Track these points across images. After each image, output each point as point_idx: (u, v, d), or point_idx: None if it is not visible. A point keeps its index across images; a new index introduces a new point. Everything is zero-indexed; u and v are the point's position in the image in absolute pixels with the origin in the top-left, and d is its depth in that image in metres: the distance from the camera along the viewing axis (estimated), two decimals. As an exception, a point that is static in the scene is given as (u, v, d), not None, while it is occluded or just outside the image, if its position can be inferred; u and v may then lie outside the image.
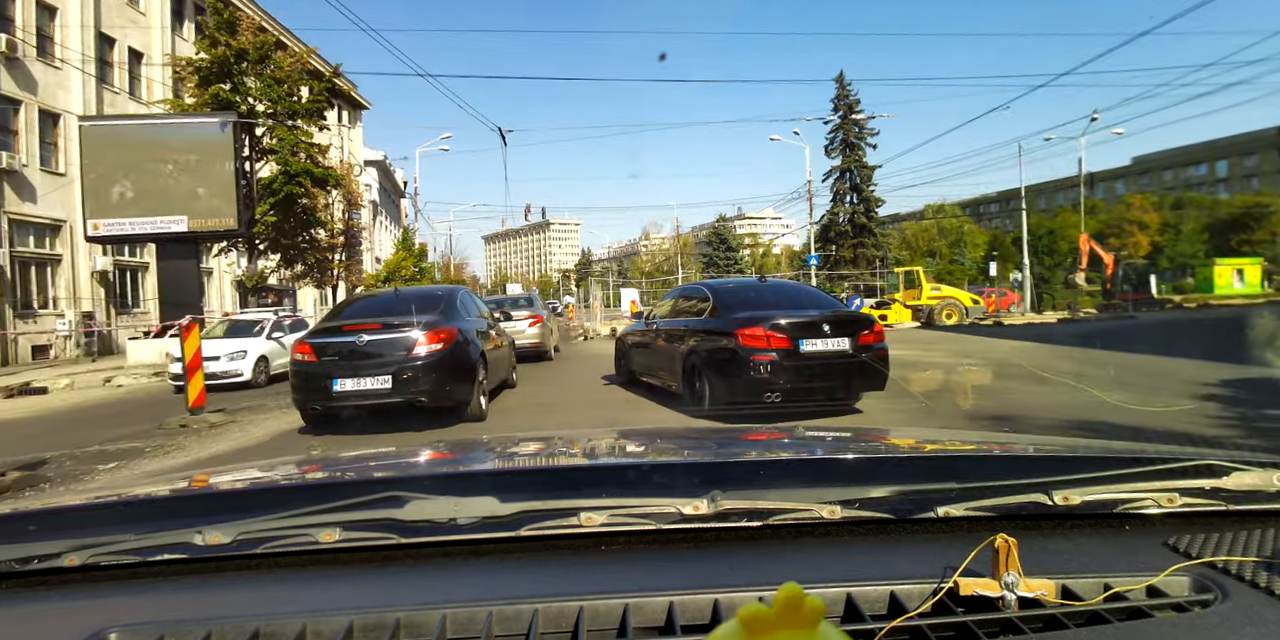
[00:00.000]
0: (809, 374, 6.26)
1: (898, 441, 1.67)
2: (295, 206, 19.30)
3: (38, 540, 0.88)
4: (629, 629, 0.74)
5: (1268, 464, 0.97)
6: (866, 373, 6.35)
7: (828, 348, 6.29)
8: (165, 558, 0.87)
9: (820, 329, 6.35)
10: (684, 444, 1.78)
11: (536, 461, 1.51)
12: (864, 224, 44.11)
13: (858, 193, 44.69)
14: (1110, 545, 0.90)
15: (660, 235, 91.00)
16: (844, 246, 43.54)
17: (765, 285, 8.14)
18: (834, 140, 45.31)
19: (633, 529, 0.89)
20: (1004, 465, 1.16)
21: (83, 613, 0.78)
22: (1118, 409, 5.94)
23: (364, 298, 9.29)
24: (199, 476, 1.43)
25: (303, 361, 6.61)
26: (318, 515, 0.87)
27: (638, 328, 9.11)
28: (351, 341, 6.48)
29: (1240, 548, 0.85)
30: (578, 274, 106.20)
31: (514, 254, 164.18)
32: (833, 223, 44.31)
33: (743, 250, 67.61)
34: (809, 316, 6.49)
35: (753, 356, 6.18)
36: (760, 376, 6.16)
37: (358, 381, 6.35)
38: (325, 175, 19.47)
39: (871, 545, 0.92)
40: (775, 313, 6.45)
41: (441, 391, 6.55)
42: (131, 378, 13.99)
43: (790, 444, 1.60)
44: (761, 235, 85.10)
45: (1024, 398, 7.43)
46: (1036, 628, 0.73)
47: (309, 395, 6.60)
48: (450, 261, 58.79)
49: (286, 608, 0.78)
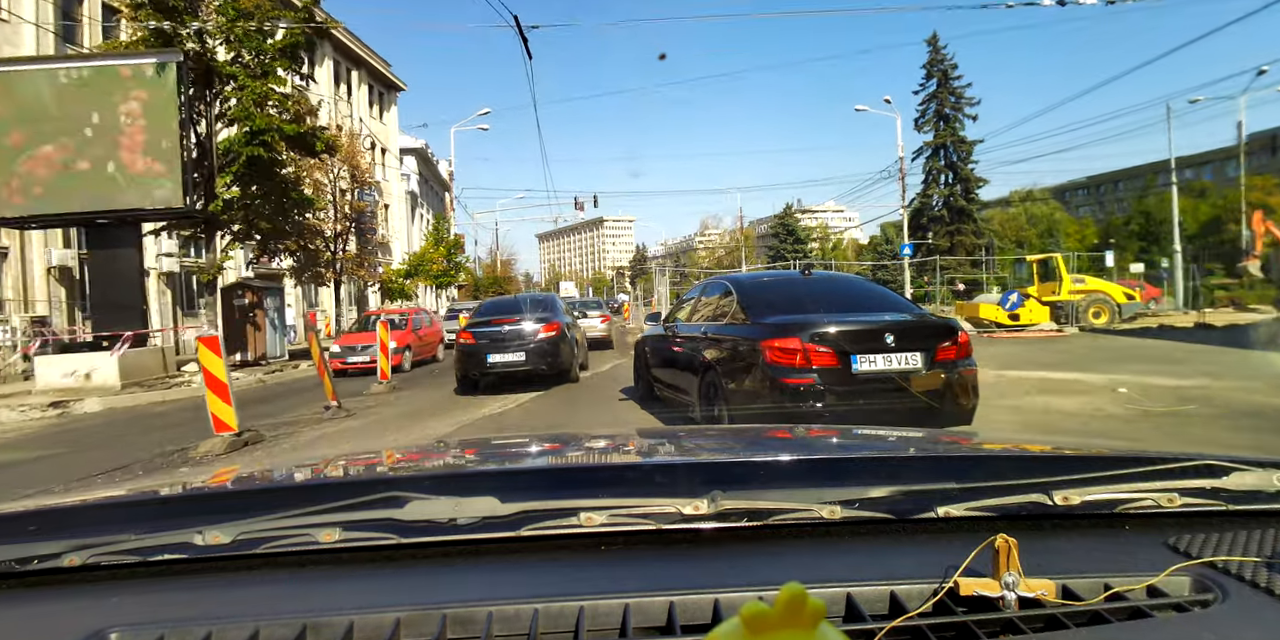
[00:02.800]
0: (864, 402, 4.69)
1: (898, 441, 1.65)
2: (270, 178, 14.63)
3: (38, 540, 0.87)
4: (629, 629, 0.74)
5: (1268, 464, 0.96)
6: (947, 402, 4.81)
7: (892, 366, 4.76)
8: (165, 558, 0.86)
9: (882, 340, 4.78)
10: (684, 444, 1.74)
11: (536, 461, 1.53)
12: (962, 207, 38.22)
13: (954, 172, 38.80)
14: (1110, 545, 0.90)
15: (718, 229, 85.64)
16: (938, 234, 37.75)
17: (810, 280, 6.16)
18: (925, 112, 39.51)
19: (633, 529, 0.89)
20: (1004, 465, 1.14)
21: (83, 613, 0.78)
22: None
23: (497, 301, 12.25)
24: (199, 476, 1.53)
25: (466, 344, 9.56)
26: (318, 515, 0.87)
27: (656, 332, 7.60)
28: (498, 329, 9.53)
29: (1240, 548, 0.84)
30: (632, 271, 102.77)
31: (567, 251, 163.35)
32: (925, 207, 38.54)
33: (811, 243, 61.92)
34: (866, 323, 4.98)
35: (785, 379, 4.74)
36: (796, 405, 4.70)
37: (503, 356, 9.35)
38: (304, 134, 14.57)
39: (871, 545, 0.92)
40: (818, 318, 4.98)
41: (555, 363, 9.60)
42: (19, 411, 9.93)
43: (790, 444, 1.59)
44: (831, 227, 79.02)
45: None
46: (1037, 628, 0.73)
47: (470, 366, 9.58)
48: (497, 257, 55.11)
49: (286, 608, 0.78)
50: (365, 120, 33.48)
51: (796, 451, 1.44)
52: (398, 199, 37.99)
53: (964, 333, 5.18)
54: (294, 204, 14.97)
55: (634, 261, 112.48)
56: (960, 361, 4.92)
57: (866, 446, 1.56)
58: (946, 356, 4.85)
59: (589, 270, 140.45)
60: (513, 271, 69.19)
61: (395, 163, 37.79)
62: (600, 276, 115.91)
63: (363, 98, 34.63)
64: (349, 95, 33.45)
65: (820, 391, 4.71)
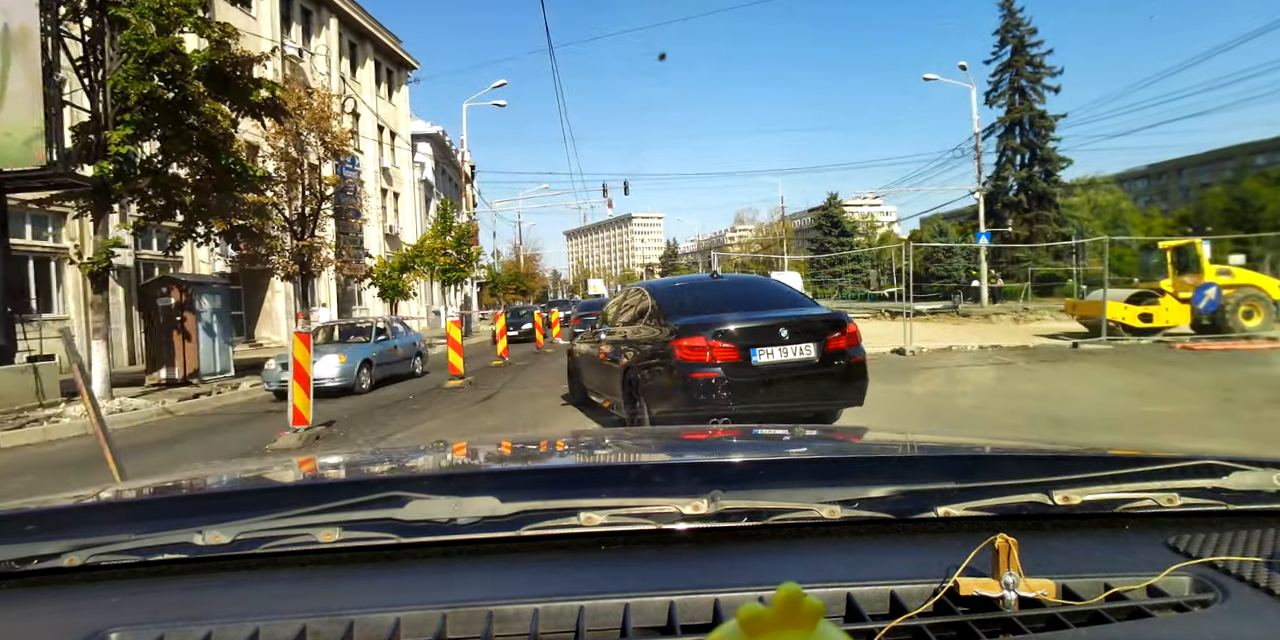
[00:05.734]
0: (765, 391, 5.31)
1: (898, 441, 1.66)
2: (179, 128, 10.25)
3: (38, 540, 0.87)
4: (629, 629, 0.74)
5: (1268, 464, 0.96)
6: (839, 385, 5.55)
7: (788, 357, 5.39)
8: (165, 558, 0.86)
9: (778, 334, 5.40)
10: (684, 444, 1.75)
11: (536, 461, 1.53)
12: (1042, 191, 33.59)
13: (1032, 151, 34.16)
14: (1110, 545, 0.90)
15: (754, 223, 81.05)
16: (1016, 221, 33.17)
17: (718, 283, 6.73)
18: (998, 84, 34.92)
19: (633, 529, 0.89)
20: (1004, 465, 1.14)
21: (83, 613, 0.78)
22: None
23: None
24: (199, 477, 1.43)
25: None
26: (318, 515, 0.87)
27: (585, 335, 8.04)
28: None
29: (1240, 548, 0.84)
30: (663, 267, 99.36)
31: (595, 247, 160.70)
32: (998, 191, 33.96)
33: (857, 236, 57.35)
34: (763, 320, 5.55)
35: (691, 373, 5.25)
36: (703, 397, 5.19)
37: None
38: (224, 68, 10.48)
39: (871, 545, 0.92)
40: (722, 317, 5.52)
41: None
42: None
43: (790, 444, 1.60)
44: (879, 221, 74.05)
45: None
46: (1037, 628, 0.73)
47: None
48: (519, 251, 51.62)
49: (286, 608, 0.78)
50: (373, 101, 30.02)
51: (796, 451, 1.49)
52: (409, 185, 34.49)
53: (852, 324, 5.74)
54: (231, 174, 11.19)
55: (664, 257, 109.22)
56: (850, 350, 5.58)
57: (866, 447, 1.57)
58: (837, 346, 5.50)
59: (618, 267, 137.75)
60: (537, 268, 65.73)
61: (406, 148, 34.30)
62: (630, 274, 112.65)
63: (369, 75, 31.13)
64: (353, 72, 29.98)
65: (725, 382, 5.19)
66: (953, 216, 51.83)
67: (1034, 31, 33.83)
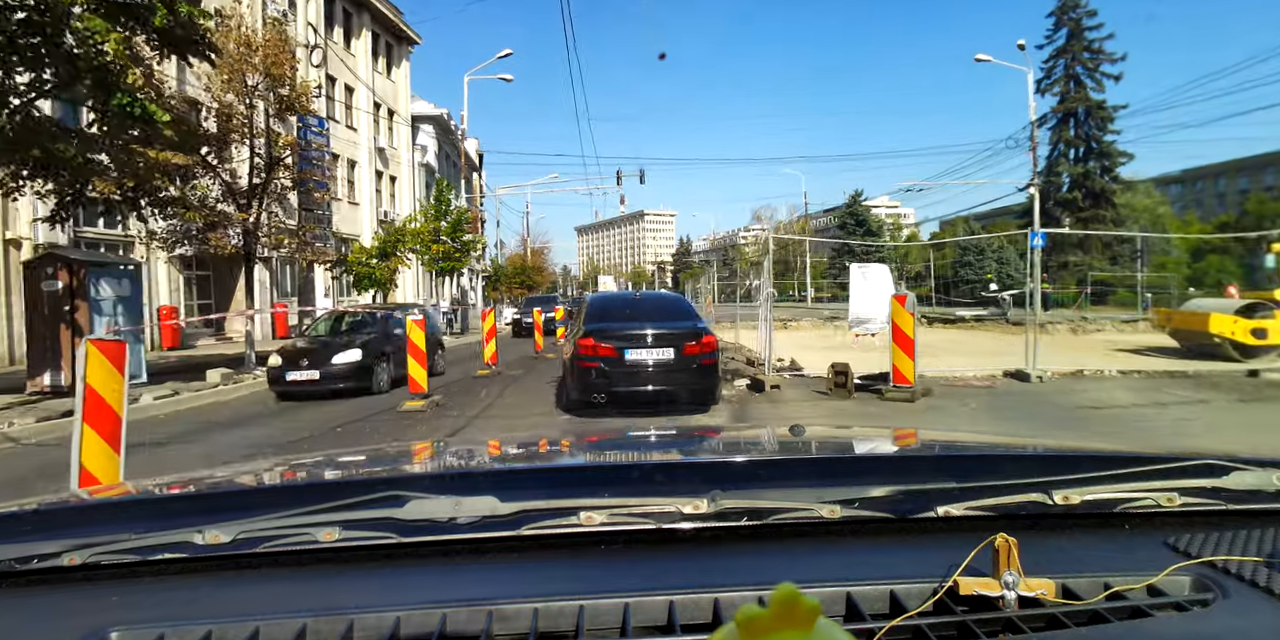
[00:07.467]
0: (632, 380, 7.27)
1: (898, 441, 1.66)
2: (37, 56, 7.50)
3: (38, 540, 0.87)
4: (629, 628, 0.74)
5: (1268, 464, 0.96)
6: (690, 377, 7.38)
7: (651, 357, 7.27)
8: (165, 557, 0.86)
9: (644, 340, 7.32)
10: (684, 444, 1.74)
11: (536, 461, 1.51)
12: (1101, 188, 30.61)
13: (1089, 144, 31.17)
14: (1110, 545, 0.89)
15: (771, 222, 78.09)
16: (1071, 221, 30.18)
17: (636, 298, 9.16)
18: (1052, 71, 31.87)
19: (633, 528, 0.88)
20: (1004, 465, 1.14)
21: (83, 612, 0.78)
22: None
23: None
24: (199, 476, 1.41)
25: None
26: (318, 515, 0.86)
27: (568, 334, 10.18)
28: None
29: (1240, 547, 0.84)
30: (675, 265, 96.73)
31: (607, 243, 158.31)
32: (1049, 187, 30.97)
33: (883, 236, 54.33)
34: (637, 328, 7.46)
35: (582, 363, 7.32)
36: (589, 380, 7.32)
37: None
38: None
39: (871, 545, 0.91)
40: (608, 325, 7.56)
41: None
42: None
43: (790, 444, 1.59)
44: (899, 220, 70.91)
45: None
46: (1037, 627, 0.73)
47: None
48: (527, 243, 48.99)
49: (286, 607, 0.77)
50: (368, 76, 27.35)
51: (796, 451, 1.47)
52: (408, 168, 31.86)
53: (710, 336, 7.63)
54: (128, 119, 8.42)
55: (676, 255, 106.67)
56: (703, 355, 7.41)
57: (866, 446, 1.56)
58: (692, 351, 7.35)
59: (628, 264, 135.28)
60: (545, 262, 63.05)
61: (405, 127, 31.65)
62: (640, 271, 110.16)
63: (364, 47, 28.48)
64: (347, 43, 27.33)
65: (604, 372, 7.25)
66: (982, 218, 48.78)
67: (1094, 13, 30.77)
